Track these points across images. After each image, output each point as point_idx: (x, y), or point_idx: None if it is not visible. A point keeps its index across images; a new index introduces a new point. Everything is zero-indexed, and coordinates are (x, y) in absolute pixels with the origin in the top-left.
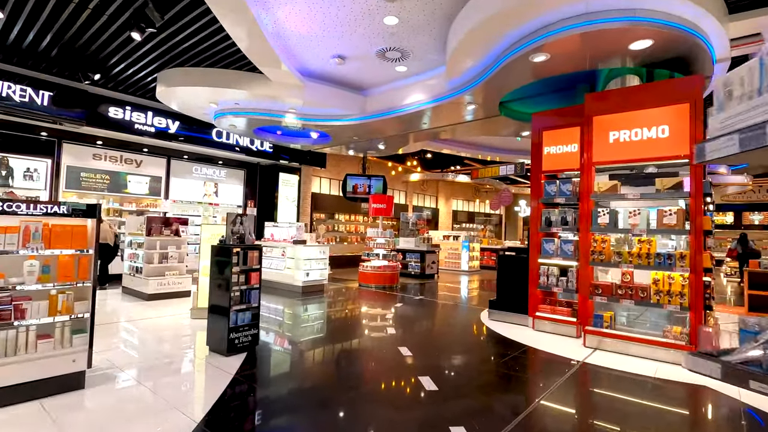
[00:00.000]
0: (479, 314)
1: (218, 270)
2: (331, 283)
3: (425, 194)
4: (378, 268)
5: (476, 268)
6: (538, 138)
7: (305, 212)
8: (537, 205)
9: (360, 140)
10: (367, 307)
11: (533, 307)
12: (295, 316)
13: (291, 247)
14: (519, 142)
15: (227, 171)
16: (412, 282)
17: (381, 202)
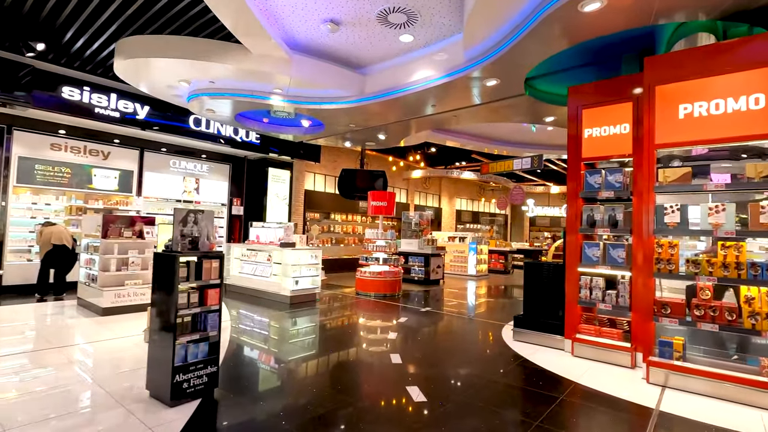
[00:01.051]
0: (500, 332)
1: (160, 287)
2: (325, 291)
3: (428, 192)
4: (377, 275)
5: (484, 273)
6: (576, 118)
7: (297, 211)
8: (575, 200)
9: (357, 128)
10: (365, 322)
11: (572, 327)
12: (277, 336)
13: (278, 251)
14: (533, 133)
15: (210, 165)
16: (416, 289)
17: (381, 200)
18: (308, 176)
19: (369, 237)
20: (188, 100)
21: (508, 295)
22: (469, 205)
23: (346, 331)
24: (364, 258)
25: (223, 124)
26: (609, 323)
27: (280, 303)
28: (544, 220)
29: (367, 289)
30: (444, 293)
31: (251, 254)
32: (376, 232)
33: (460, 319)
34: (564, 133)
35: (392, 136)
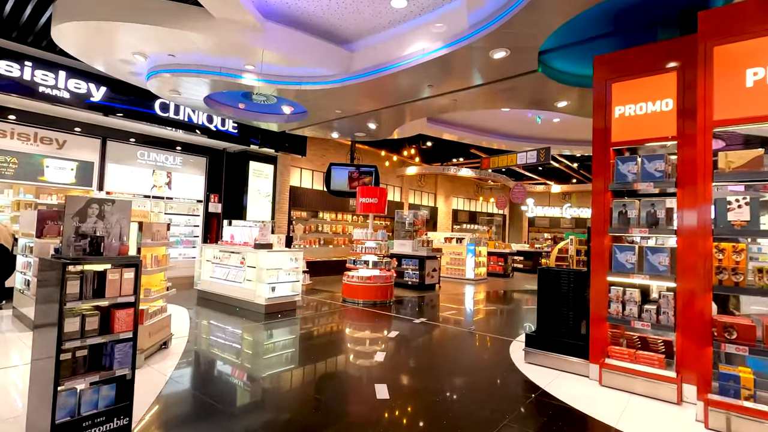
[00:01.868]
0: (507, 350)
1: (42, 306)
2: (309, 297)
3: (423, 191)
4: (366, 280)
5: (483, 276)
6: (604, 94)
7: (282, 209)
8: (603, 195)
9: (344, 115)
10: (348, 338)
11: (598, 349)
12: (236, 357)
13: (252, 254)
14: (538, 126)
15: (184, 158)
16: (409, 294)
17: (371, 196)
18: (294, 171)
19: (357, 237)
20: (147, 78)
21: (510, 302)
22: (467, 204)
23: (325, 351)
24: (351, 261)
25: (196, 111)
26: (641, 343)
27: (253, 313)
28: (544, 221)
29: (355, 295)
30: (440, 300)
31: (224, 257)
32: (365, 232)
33: (459, 334)
34: (573, 125)
35: (384, 126)
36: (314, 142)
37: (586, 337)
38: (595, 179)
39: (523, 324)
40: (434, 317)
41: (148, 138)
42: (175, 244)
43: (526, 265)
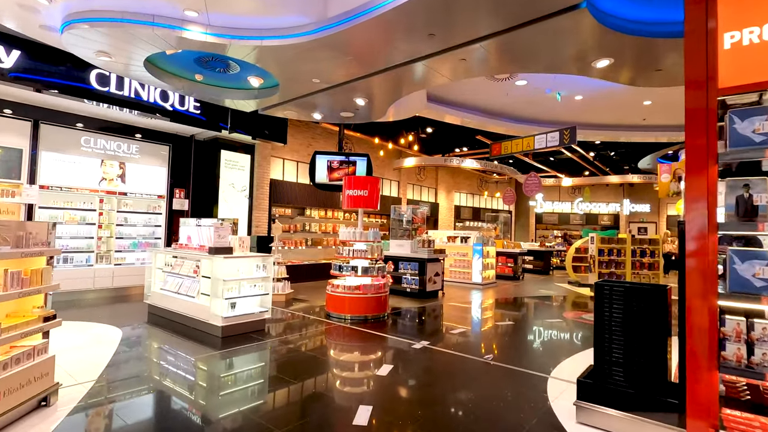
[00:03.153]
0: (543, 396)
1: None
2: (286, 311)
3: (422, 185)
4: (355, 290)
5: (491, 280)
6: (703, 13)
7: (261, 206)
8: (704, 171)
9: (324, 86)
10: (326, 378)
11: (702, 412)
12: (165, 414)
13: (207, 260)
14: (555, 107)
15: (142, 146)
16: (408, 305)
17: (360, 187)
18: (275, 163)
19: (344, 238)
20: (61, 31)
21: (529, 314)
22: (470, 200)
23: (284, 406)
24: (337, 267)
25: (146, 85)
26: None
27: (208, 336)
28: (552, 217)
29: (341, 309)
30: (445, 313)
31: (176, 264)
32: (353, 231)
33: (474, 367)
34: (598, 103)
35: (376, 104)
36: (299, 129)
37: (678, 389)
38: (690, 149)
39: (556, 349)
40: (439, 339)
41: (95, 121)
42: (131, 247)
43: (537, 266)
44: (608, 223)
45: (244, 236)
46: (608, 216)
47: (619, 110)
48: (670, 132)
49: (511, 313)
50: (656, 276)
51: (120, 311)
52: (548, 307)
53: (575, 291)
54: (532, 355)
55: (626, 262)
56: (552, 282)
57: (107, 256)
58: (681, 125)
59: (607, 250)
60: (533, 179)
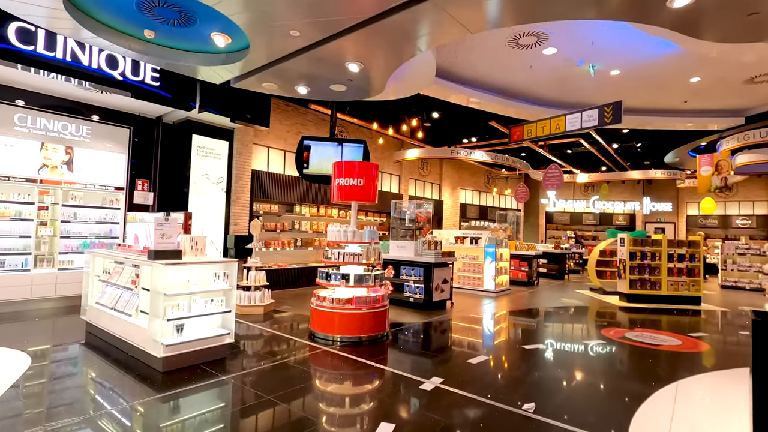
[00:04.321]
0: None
1: None
2: (261, 327)
3: (425, 180)
4: (346, 305)
5: (505, 286)
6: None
7: (240, 201)
8: None
9: (305, 43)
10: (309, 428)
11: None
12: None
13: (148, 266)
14: (587, 84)
15: (95, 128)
16: (411, 319)
17: (352, 175)
18: (258, 151)
19: (333, 238)
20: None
21: (559, 332)
22: (476, 197)
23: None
24: (324, 275)
25: (87, 46)
26: None
27: (147, 370)
28: (563, 217)
29: (329, 328)
30: (457, 331)
31: (116, 270)
32: (344, 230)
33: (510, 424)
34: (642, 80)
35: (372, 72)
36: (287, 114)
37: None
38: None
39: (616, 389)
40: (455, 373)
41: (39, 97)
42: (81, 247)
43: (551, 270)
44: (624, 223)
45: (200, 237)
46: (623, 216)
47: (660, 89)
48: (712, 117)
49: (537, 330)
50: (696, 284)
51: (52, 329)
52: (578, 322)
53: (600, 299)
54: (587, 401)
55: (662, 268)
56: (570, 288)
57: (49, 258)
58: (727, 109)
59: (640, 254)
60: (554, 171)
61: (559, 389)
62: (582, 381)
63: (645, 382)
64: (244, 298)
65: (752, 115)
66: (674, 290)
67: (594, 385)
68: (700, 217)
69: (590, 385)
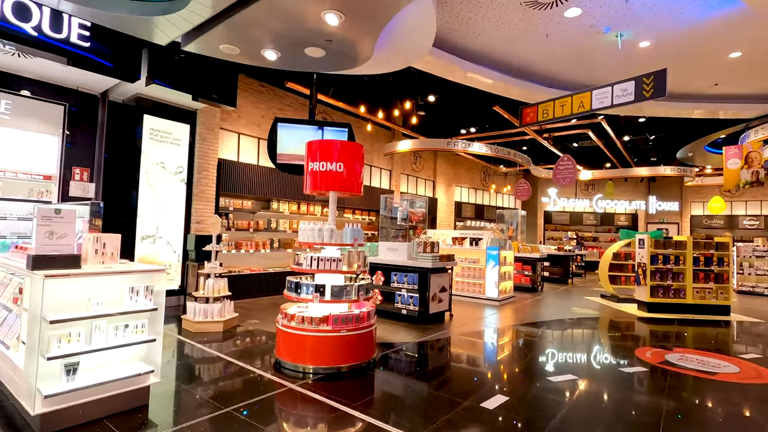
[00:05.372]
0: None
1: None
2: (211, 356)
3: (418, 176)
4: (321, 325)
5: (509, 293)
6: None
7: (204, 194)
8: None
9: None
10: None
11: None
12: None
13: (29, 278)
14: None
15: (17, 102)
16: (404, 337)
17: (330, 157)
18: (227, 138)
19: (305, 239)
20: None
21: (584, 354)
22: (472, 195)
23: None
24: (292, 286)
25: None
26: None
27: (19, 430)
28: (563, 216)
29: (299, 356)
30: (461, 355)
31: (4, 282)
32: (318, 228)
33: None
34: (672, 56)
35: (356, 28)
36: (262, 96)
37: None
38: None
39: None
40: (468, 426)
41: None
42: (1, 249)
43: (555, 274)
44: (625, 223)
45: (109, 235)
46: (625, 216)
47: (691, 68)
48: (743, 103)
49: (559, 352)
50: (725, 291)
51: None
52: (603, 340)
53: (616, 309)
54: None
55: (686, 273)
56: (578, 295)
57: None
58: (759, 95)
59: (662, 257)
60: (567, 164)
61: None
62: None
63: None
64: (199, 313)
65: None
66: (700, 298)
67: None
68: (705, 218)
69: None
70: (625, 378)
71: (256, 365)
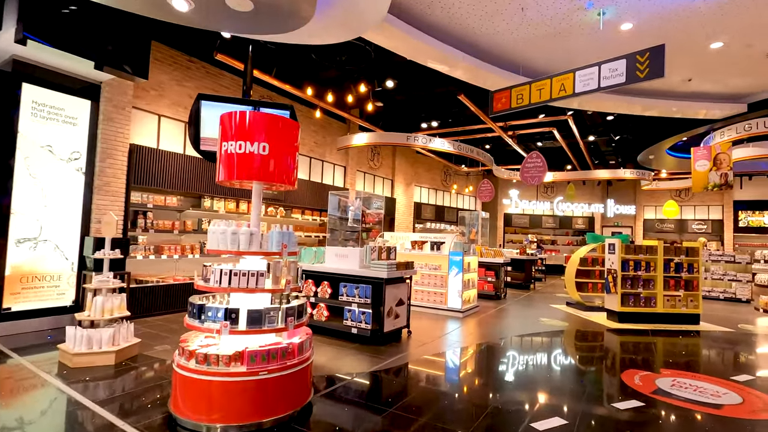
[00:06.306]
0: None
1: None
2: (82, 406)
3: (376, 174)
4: (231, 365)
5: (473, 303)
6: None
7: (110, 188)
8: None
9: None
10: None
11: None
12: None
13: None
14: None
15: None
16: (352, 367)
17: (251, 136)
18: (142, 119)
19: (214, 246)
20: None
21: (568, 382)
22: (432, 196)
23: None
24: (195, 310)
25: None
26: None
27: None
28: (522, 219)
29: (203, 410)
30: (424, 391)
31: None
32: (231, 231)
33: None
34: (652, 42)
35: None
36: (190, 73)
37: None
38: None
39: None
40: None
41: None
42: None
43: (517, 279)
44: (583, 227)
45: None
46: (583, 219)
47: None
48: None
49: (537, 382)
50: (695, 299)
51: None
52: (583, 362)
53: (585, 318)
54: None
55: (657, 280)
56: (542, 302)
57: None
58: (731, 94)
59: (633, 263)
60: (535, 161)
61: None
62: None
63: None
64: (81, 341)
65: (757, 102)
66: (671, 307)
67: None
68: (657, 221)
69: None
70: (624, 421)
71: (142, 424)
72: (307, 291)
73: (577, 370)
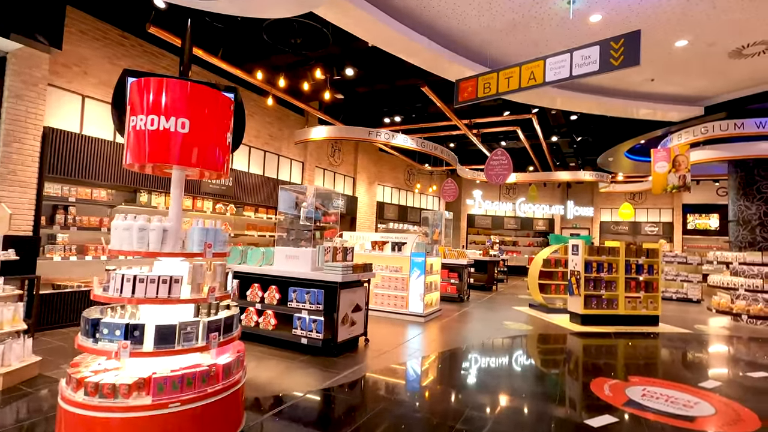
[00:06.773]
0: None
1: None
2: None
3: (336, 171)
4: (140, 397)
5: (435, 306)
6: None
7: (18, 177)
8: None
9: None
10: None
11: None
12: None
13: None
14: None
15: None
16: (300, 384)
17: (165, 110)
18: (61, 98)
19: (118, 246)
20: None
21: (526, 387)
22: (395, 195)
23: None
24: (89, 327)
25: None
26: None
27: None
28: (485, 220)
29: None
30: (382, 411)
31: None
32: (138, 226)
33: None
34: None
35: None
36: (123, 51)
37: None
38: None
39: None
40: None
41: None
42: None
43: (479, 281)
44: (543, 228)
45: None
46: (543, 221)
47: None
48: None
49: (506, 396)
50: (654, 301)
51: None
52: (549, 366)
53: (548, 321)
54: None
55: (619, 282)
56: (505, 304)
57: None
58: (689, 96)
59: (596, 265)
60: (500, 158)
61: None
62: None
63: None
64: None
65: (713, 105)
66: (632, 308)
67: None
68: (612, 224)
69: None
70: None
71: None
72: (253, 297)
73: (548, 380)
